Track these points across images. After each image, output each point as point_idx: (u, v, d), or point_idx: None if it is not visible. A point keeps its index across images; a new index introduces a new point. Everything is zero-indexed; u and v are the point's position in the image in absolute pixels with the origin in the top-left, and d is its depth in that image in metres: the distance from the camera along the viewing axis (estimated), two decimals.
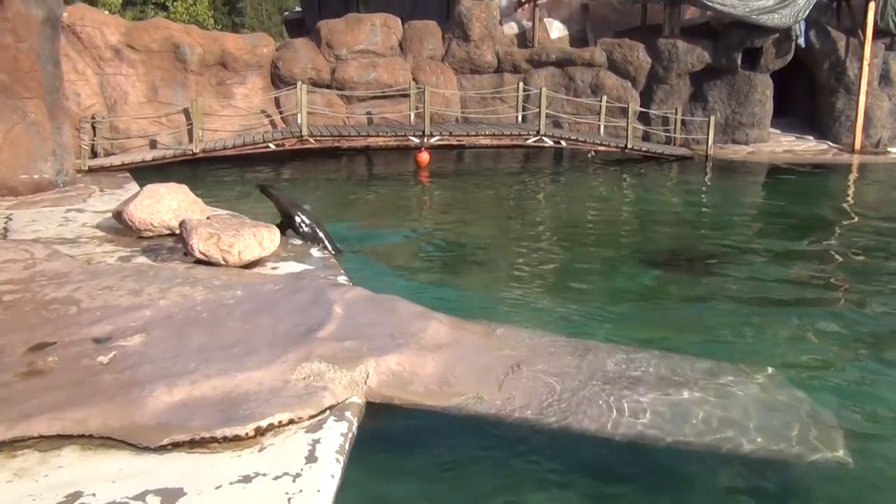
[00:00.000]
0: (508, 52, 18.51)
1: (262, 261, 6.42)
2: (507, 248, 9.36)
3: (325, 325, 4.57)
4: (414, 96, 16.97)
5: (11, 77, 9.50)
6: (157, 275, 5.78)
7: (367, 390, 3.95)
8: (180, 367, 3.96)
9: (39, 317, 4.85)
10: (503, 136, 16.70)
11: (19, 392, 3.74)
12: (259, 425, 3.46)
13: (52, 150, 10.06)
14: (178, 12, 35.20)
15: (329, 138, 15.64)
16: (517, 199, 13.38)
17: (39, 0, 9.77)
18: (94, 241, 7.25)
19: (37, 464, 3.21)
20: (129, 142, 14.82)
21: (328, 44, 17.38)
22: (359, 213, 11.88)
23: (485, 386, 4.09)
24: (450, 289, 7.55)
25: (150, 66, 15.38)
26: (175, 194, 7.41)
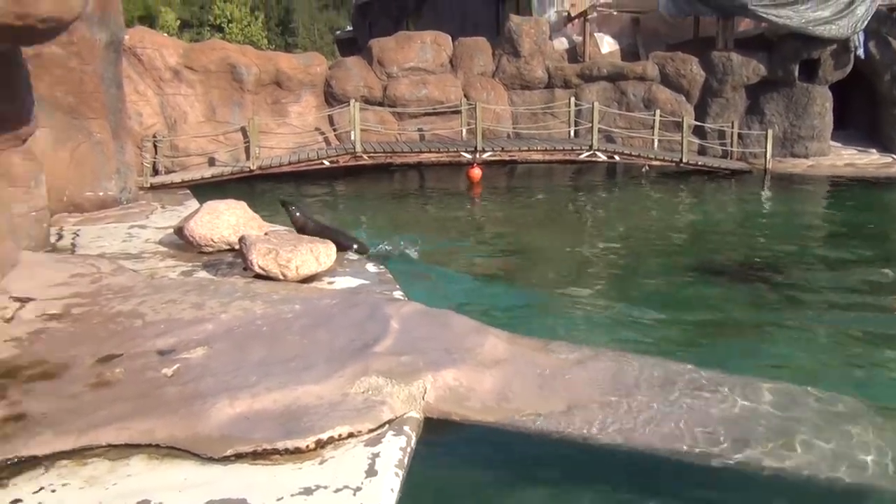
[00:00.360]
0: (559, 68, 18.48)
1: (319, 276, 6.50)
2: (561, 263, 9.31)
3: (381, 339, 4.60)
4: (465, 112, 17.08)
5: (77, 98, 9.86)
6: (217, 289, 5.91)
7: (425, 405, 3.96)
8: (241, 380, 4.03)
9: (106, 329, 5.00)
10: (555, 151, 16.66)
11: (88, 402, 3.85)
12: (319, 438, 3.50)
13: (116, 168, 10.39)
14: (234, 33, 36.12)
15: (382, 154, 15.81)
16: (571, 214, 13.30)
17: (103, 24, 10.13)
18: (157, 256, 7.44)
19: (106, 472, 3.29)
20: (188, 160, 15.22)
21: (379, 62, 17.61)
22: (412, 228, 11.95)
23: (544, 402, 4.06)
24: (505, 304, 7.53)
25: (208, 86, 15.80)
26: (234, 210, 7.57)
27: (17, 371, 4.32)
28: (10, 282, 6.01)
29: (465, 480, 3.94)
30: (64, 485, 3.19)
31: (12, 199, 6.94)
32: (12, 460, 3.37)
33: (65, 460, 3.39)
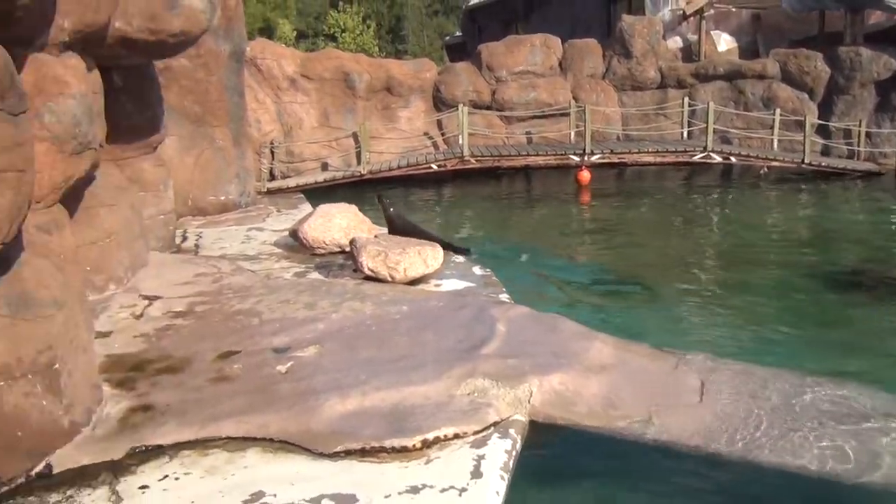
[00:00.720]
0: (672, 67, 17.97)
1: (426, 278, 6.57)
2: (672, 268, 9.03)
3: (488, 342, 4.61)
4: (574, 115, 16.87)
5: (202, 107, 10.40)
6: (329, 290, 6.08)
7: (531, 409, 3.93)
8: (352, 379, 4.13)
9: (226, 327, 5.24)
10: (667, 153, 16.20)
11: (210, 396, 4.05)
12: (426, 438, 3.53)
13: (236, 173, 10.89)
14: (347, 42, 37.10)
15: (489, 158, 15.84)
16: (683, 218, 12.89)
17: (227, 37, 10.64)
18: (273, 257, 7.74)
19: (225, 463, 3.45)
20: (302, 165, 15.74)
21: (488, 66, 17.66)
22: (519, 231, 11.92)
23: (652, 410, 3.94)
24: (612, 309, 7.38)
25: (323, 94, 16.30)
26: (345, 214, 7.77)
27: (144, 365, 4.59)
28: (140, 281, 6.41)
29: (570, 486, 3.88)
30: (186, 473, 3.37)
31: (143, 203, 7.39)
32: (140, 448, 3.59)
33: (187, 450, 3.57)
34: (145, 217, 7.34)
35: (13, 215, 3.14)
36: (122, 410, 3.95)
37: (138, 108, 7.41)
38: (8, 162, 3.08)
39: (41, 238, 4.06)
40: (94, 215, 5.87)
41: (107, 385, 4.22)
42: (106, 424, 3.79)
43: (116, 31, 5.79)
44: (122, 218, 6.25)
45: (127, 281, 6.23)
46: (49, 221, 4.36)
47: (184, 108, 10.17)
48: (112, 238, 6.02)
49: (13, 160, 3.12)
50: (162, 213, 7.91)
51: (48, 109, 4.45)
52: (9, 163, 3.09)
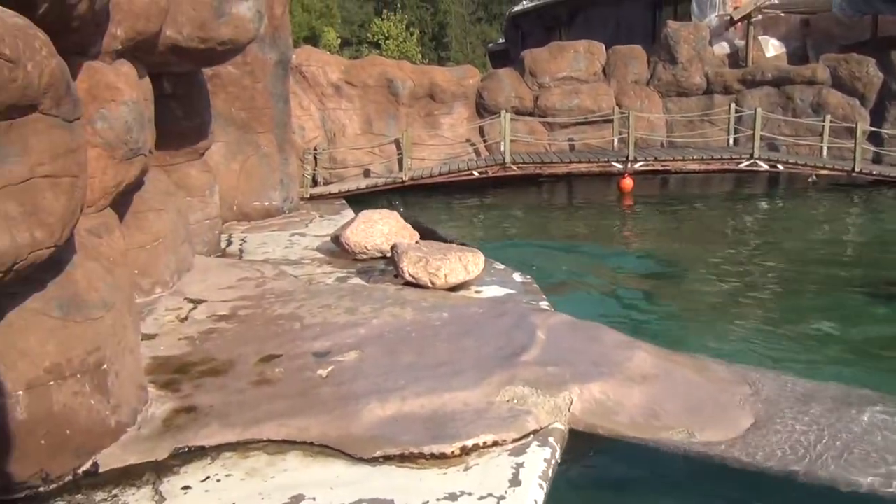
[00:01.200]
0: (719, 73, 17.73)
1: (467, 284, 6.57)
2: (717, 278, 8.89)
3: (528, 349, 4.59)
4: (617, 121, 16.75)
5: (248, 114, 10.57)
6: (370, 295, 6.12)
7: (571, 417, 3.90)
8: (391, 384, 4.15)
9: (268, 331, 5.31)
10: (712, 161, 15.95)
11: (252, 398, 4.10)
12: (465, 445, 3.53)
13: (280, 179, 11.04)
14: (390, 49, 37.37)
15: (531, 165, 15.80)
16: (728, 227, 12.68)
17: (273, 45, 10.81)
18: (315, 262, 7.82)
19: (265, 465, 3.49)
20: (345, 171, 15.90)
21: (531, 72, 17.63)
22: (560, 239, 11.85)
23: (696, 422, 3.88)
24: (654, 318, 7.30)
25: (366, 100, 16.45)
26: (387, 220, 7.82)
27: (188, 367, 4.67)
28: (185, 284, 6.53)
29: (609, 497, 3.84)
30: (227, 475, 3.41)
31: (189, 207, 7.54)
32: (183, 449, 3.65)
33: (229, 452, 3.62)
34: (191, 222, 7.48)
35: (66, 219, 3.23)
36: (167, 411, 4.02)
37: (187, 115, 7.56)
38: (62, 167, 3.17)
39: (92, 241, 4.16)
40: (142, 219, 6.00)
41: (152, 386, 4.31)
42: (151, 425, 3.86)
43: (167, 39, 5.93)
44: (169, 222, 6.38)
45: (173, 284, 6.35)
46: (100, 225, 4.48)
47: (230, 114, 10.35)
48: (159, 242, 6.14)
49: (67, 165, 3.21)
50: (207, 218, 8.05)
51: (101, 116, 4.57)
52: (63, 168, 3.18)
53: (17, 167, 2.96)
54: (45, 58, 3.01)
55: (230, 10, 6.36)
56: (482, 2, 57.55)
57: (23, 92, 2.88)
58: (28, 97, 2.94)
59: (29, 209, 3.02)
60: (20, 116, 2.97)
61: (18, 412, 3.23)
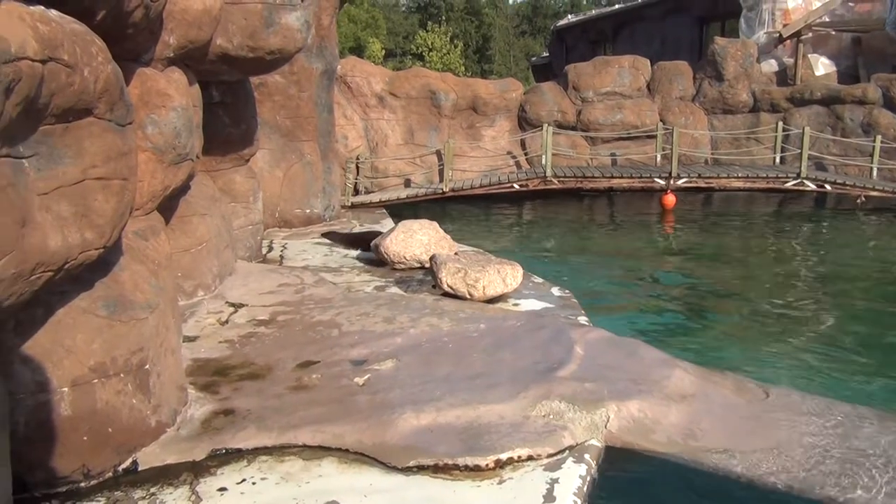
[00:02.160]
0: (766, 91, 17.47)
1: (505, 296, 6.56)
2: (759, 299, 8.73)
3: (565, 364, 4.55)
4: (661, 137, 16.60)
5: (293, 123, 10.72)
6: (408, 305, 6.14)
7: (607, 434, 3.85)
8: (427, 394, 4.15)
9: (307, 337, 5.35)
10: (758, 179, 15.71)
11: (289, 403, 4.14)
12: (499, 458, 3.51)
13: (322, 187, 11.16)
14: (434, 61, 37.60)
15: (572, 179, 15.73)
16: (772, 247, 12.45)
17: (320, 55, 10.96)
18: (354, 270, 7.87)
19: (300, 470, 3.51)
20: (386, 181, 16.01)
21: (575, 87, 17.58)
22: (600, 254, 11.76)
23: (735, 443, 3.81)
24: (694, 337, 7.19)
25: (409, 111, 16.55)
26: (426, 230, 7.84)
27: (228, 370, 4.74)
28: (227, 288, 6.62)
29: None
30: (263, 479, 3.44)
31: (233, 213, 7.66)
32: (220, 451, 3.69)
33: (265, 456, 3.66)
34: (235, 227, 7.59)
35: (115, 221, 3.31)
36: (206, 413, 4.08)
37: (234, 122, 7.70)
38: (114, 170, 3.25)
39: (138, 244, 4.25)
40: (187, 223, 6.11)
41: (192, 388, 4.37)
42: (189, 426, 3.92)
43: (218, 47, 6.06)
44: (213, 227, 6.49)
45: (215, 288, 6.45)
46: (146, 228, 4.57)
47: (276, 122, 10.51)
48: (203, 246, 6.25)
49: (118, 169, 3.29)
50: (250, 224, 8.17)
51: (151, 121, 4.68)
52: (114, 171, 3.26)
53: (70, 169, 3.04)
54: (101, 63, 3.09)
55: (279, 21, 6.47)
56: (526, 15, 57.68)
57: (79, 96, 2.96)
58: (84, 101, 3.02)
59: (80, 210, 3.10)
60: (75, 120, 3.06)
61: (63, 408, 3.31)
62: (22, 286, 2.75)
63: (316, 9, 10.52)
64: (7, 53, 2.46)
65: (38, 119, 2.83)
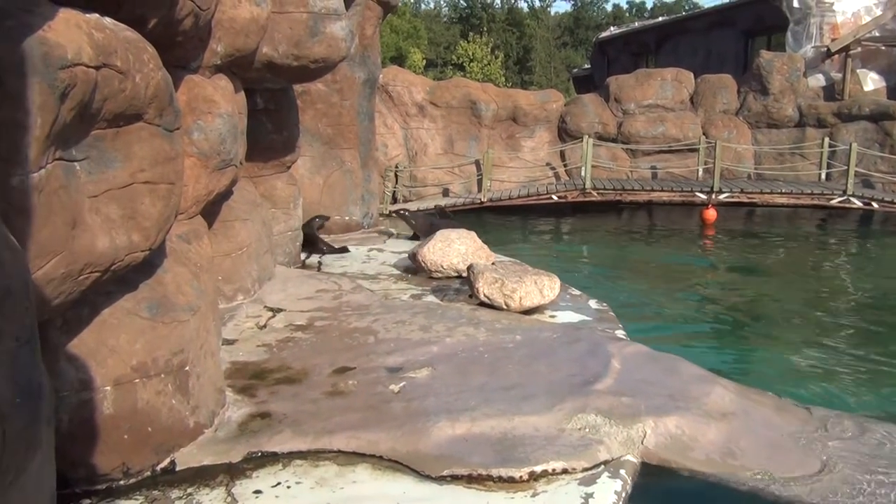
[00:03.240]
0: (812, 106, 17.18)
1: (541, 308, 6.53)
2: (801, 317, 8.55)
3: (602, 377, 4.51)
4: (703, 151, 16.41)
5: (335, 130, 10.83)
6: (444, 314, 6.15)
7: (643, 450, 3.81)
8: (462, 404, 4.14)
9: (343, 343, 5.39)
10: (802, 195, 15.43)
11: (324, 409, 4.16)
12: (533, 470, 3.49)
13: (362, 195, 11.24)
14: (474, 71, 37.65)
15: (611, 192, 15.62)
16: (815, 265, 12.20)
17: (362, 64, 11.06)
18: (391, 278, 7.91)
19: (334, 476, 3.53)
20: (424, 190, 16.07)
21: (616, 99, 17.49)
22: (637, 267, 11.65)
23: (776, 464, 3.73)
24: (734, 354, 7.08)
25: (449, 121, 16.62)
26: (464, 240, 7.85)
27: (265, 374, 4.79)
28: (266, 293, 6.70)
29: None
30: (297, 483, 3.47)
31: (274, 218, 7.75)
32: (256, 454, 3.73)
33: (300, 460, 3.69)
34: (275, 232, 7.68)
35: (161, 224, 3.38)
36: (243, 416, 4.12)
37: (277, 129, 7.80)
38: (161, 174, 3.32)
39: (182, 247, 4.33)
40: (229, 228, 6.20)
41: (230, 390, 4.43)
42: (227, 428, 3.97)
43: (263, 55, 6.15)
44: (254, 232, 6.57)
45: (254, 292, 6.53)
46: (190, 232, 4.65)
47: (317, 130, 10.62)
48: (244, 251, 6.34)
49: (166, 173, 3.36)
50: (290, 230, 8.26)
51: (197, 127, 4.77)
52: (162, 175, 3.33)
53: (120, 172, 3.11)
54: (151, 70, 3.17)
55: (324, 30, 6.55)
56: (568, 27, 57.56)
57: (130, 102, 3.04)
58: (134, 107, 3.09)
59: (128, 213, 3.17)
60: (126, 125, 3.13)
61: (105, 407, 3.38)
62: (70, 286, 2.81)
63: (360, 18, 10.63)
64: (64, 60, 2.54)
65: (90, 123, 2.91)
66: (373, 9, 11.05)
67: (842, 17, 18.42)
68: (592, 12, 59.02)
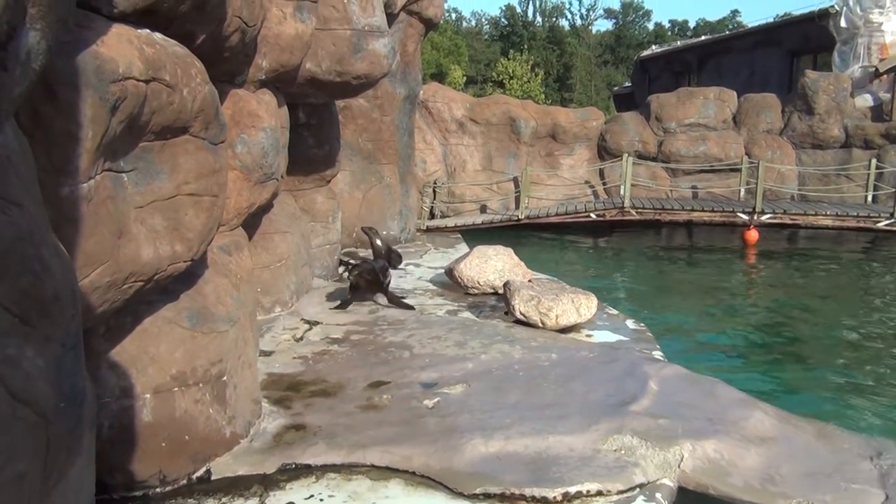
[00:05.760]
0: (859, 126, 16.83)
1: (578, 327, 6.48)
2: (845, 342, 8.35)
3: (639, 399, 4.46)
4: (745, 171, 16.18)
5: (375, 146, 10.92)
6: (480, 330, 6.13)
7: (680, 474, 3.74)
8: (496, 422, 4.12)
9: (378, 357, 5.41)
10: (847, 218, 15.10)
11: (359, 423, 4.18)
12: (567, 491, 3.45)
13: (400, 210, 11.30)
14: (514, 89, 37.67)
15: (651, 211, 15.47)
16: (860, 288, 11.91)
17: (403, 80, 11.16)
18: (427, 293, 7.92)
19: (367, 490, 3.53)
20: (462, 206, 16.09)
21: (657, 117, 17.35)
22: (676, 287, 11.50)
23: (817, 492, 3.63)
24: (773, 378, 6.92)
25: (488, 138, 16.63)
26: (501, 256, 7.84)
27: (300, 386, 4.82)
28: (303, 306, 6.76)
29: None
30: (330, 496, 3.48)
31: (312, 232, 7.83)
32: (290, 466, 3.76)
33: (333, 473, 3.70)
34: (313, 246, 7.76)
35: (204, 235, 3.43)
36: (278, 427, 4.15)
37: (318, 143, 7.90)
38: (205, 187, 3.39)
39: (222, 258, 4.39)
40: (268, 240, 6.29)
41: (266, 402, 4.47)
42: (262, 439, 4.00)
43: (307, 71, 6.25)
44: (293, 245, 6.65)
45: (291, 305, 6.59)
46: (231, 243, 4.72)
47: (358, 145, 10.73)
48: (283, 263, 6.41)
49: (210, 185, 3.42)
50: (328, 244, 8.33)
51: (241, 140, 4.85)
52: (206, 188, 3.39)
53: (165, 184, 3.18)
54: (199, 84, 3.23)
55: (367, 46, 6.63)
56: (609, 45, 57.36)
57: (177, 115, 3.10)
58: (181, 120, 3.16)
59: (172, 224, 3.23)
60: (172, 137, 3.20)
61: (145, 414, 3.43)
62: (115, 294, 2.87)
63: (402, 35, 10.73)
64: (115, 73, 2.61)
65: (138, 136, 2.98)
66: (414, 26, 11.16)
67: (890, 37, 18.08)
68: (634, 31, 58.74)
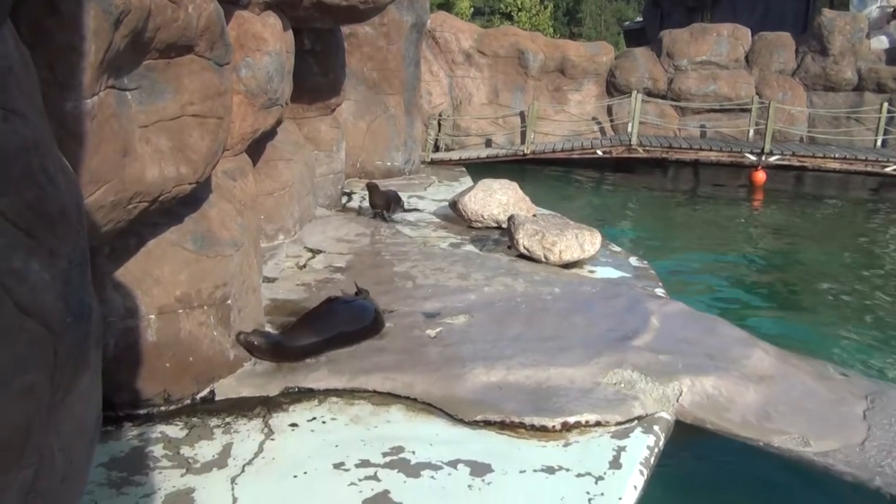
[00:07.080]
0: (873, 69, 16.50)
1: (581, 262, 6.48)
2: (847, 285, 8.36)
3: (640, 334, 4.49)
4: (755, 111, 15.95)
5: (380, 75, 10.74)
6: (483, 263, 6.14)
7: (678, 408, 3.79)
8: (498, 352, 4.16)
9: (382, 287, 5.41)
10: (855, 161, 14.95)
11: (361, 350, 4.22)
12: (566, 421, 3.50)
13: (404, 141, 11.18)
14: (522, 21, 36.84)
15: (658, 149, 15.31)
16: (864, 233, 11.87)
17: (410, 8, 10.89)
18: (431, 225, 7.90)
19: (369, 415, 3.59)
20: (467, 139, 15.92)
21: (668, 54, 17.01)
22: (682, 227, 11.47)
23: (813, 429, 3.69)
24: (774, 318, 6.96)
25: (495, 71, 16.34)
26: (506, 190, 7.78)
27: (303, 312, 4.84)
28: (306, 234, 6.76)
29: (710, 495, 3.72)
30: (333, 419, 3.54)
31: (316, 161, 7.77)
32: (293, 389, 3.81)
33: (335, 398, 3.75)
34: (317, 174, 7.70)
35: (209, 158, 3.39)
36: None
37: (323, 71, 7.76)
38: (210, 108, 3.33)
39: (227, 183, 4.36)
40: (272, 168, 6.24)
41: (269, 326, 4.50)
42: (265, 363, 4.04)
43: None
44: (297, 173, 6.60)
45: (295, 233, 6.59)
46: (235, 169, 4.68)
47: (363, 74, 10.54)
48: (287, 190, 6.37)
49: (215, 107, 3.36)
50: (332, 173, 8.27)
51: (246, 64, 4.76)
52: (211, 109, 3.33)
53: (170, 104, 3.12)
54: (204, 1, 3.14)
55: None
56: None
57: (182, 32, 3.03)
58: (186, 38, 3.08)
59: (177, 145, 3.19)
60: (177, 56, 3.13)
61: (150, 334, 3.46)
62: (119, 214, 2.85)
63: None
64: None
65: (142, 52, 2.91)
66: None
67: None
68: None
